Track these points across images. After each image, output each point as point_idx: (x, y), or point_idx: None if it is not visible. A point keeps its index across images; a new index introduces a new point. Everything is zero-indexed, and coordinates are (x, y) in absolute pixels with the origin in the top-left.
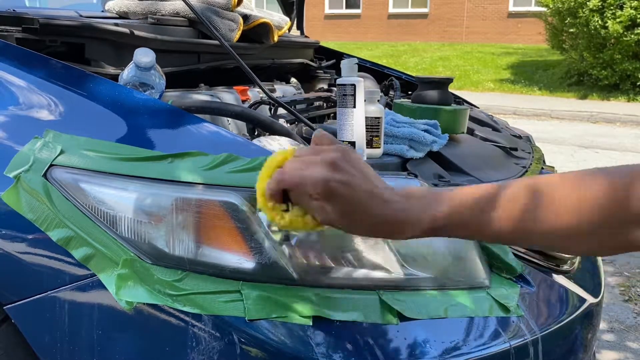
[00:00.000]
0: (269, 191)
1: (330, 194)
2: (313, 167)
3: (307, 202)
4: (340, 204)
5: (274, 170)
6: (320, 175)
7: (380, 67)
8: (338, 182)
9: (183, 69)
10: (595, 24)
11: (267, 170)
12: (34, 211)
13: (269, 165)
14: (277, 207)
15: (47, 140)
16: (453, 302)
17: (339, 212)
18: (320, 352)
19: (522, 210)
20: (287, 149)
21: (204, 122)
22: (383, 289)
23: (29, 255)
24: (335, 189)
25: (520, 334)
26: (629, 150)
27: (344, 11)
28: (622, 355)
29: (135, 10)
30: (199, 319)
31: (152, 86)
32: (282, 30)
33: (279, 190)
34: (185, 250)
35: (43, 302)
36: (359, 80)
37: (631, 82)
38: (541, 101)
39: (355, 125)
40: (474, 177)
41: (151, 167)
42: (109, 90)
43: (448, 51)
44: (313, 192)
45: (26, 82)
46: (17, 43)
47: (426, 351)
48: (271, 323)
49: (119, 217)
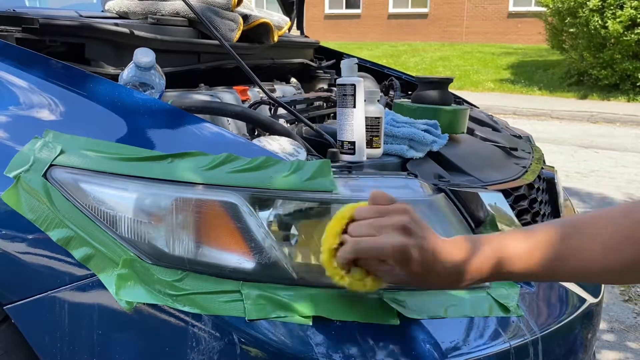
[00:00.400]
0: (343, 260)
1: (407, 260)
2: (386, 233)
3: (375, 266)
4: (412, 266)
5: (341, 227)
6: (398, 243)
7: (380, 67)
8: (414, 247)
9: (183, 69)
10: (595, 23)
11: (336, 226)
12: (34, 211)
13: (337, 220)
14: (339, 268)
15: (47, 140)
16: (453, 302)
17: (410, 274)
18: (320, 352)
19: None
20: (350, 205)
21: (204, 122)
22: (383, 289)
23: (29, 255)
24: (412, 254)
25: (520, 334)
26: (629, 150)
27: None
28: (622, 355)
29: (135, 10)
30: (199, 319)
31: (152, 86)
32: (282, 30)
33: (353, 258)
34: (185, 250)
35: (43, 302)
36: (359, 80)
37: (631, 82)
38: (541, 101)
39: (355, 125)
40: (474, 177)
41: (151, 167)
42: (109, 90)
43: (448, 51)
44: (391, 259)
45: (26, 82)
46: (17, 43)
47: (426, 351)
48: (271, 323)
49: (119, 217)
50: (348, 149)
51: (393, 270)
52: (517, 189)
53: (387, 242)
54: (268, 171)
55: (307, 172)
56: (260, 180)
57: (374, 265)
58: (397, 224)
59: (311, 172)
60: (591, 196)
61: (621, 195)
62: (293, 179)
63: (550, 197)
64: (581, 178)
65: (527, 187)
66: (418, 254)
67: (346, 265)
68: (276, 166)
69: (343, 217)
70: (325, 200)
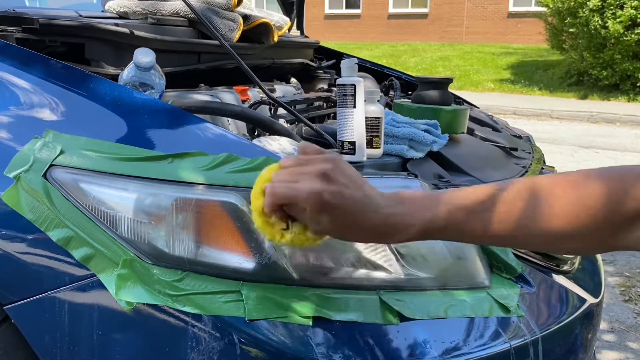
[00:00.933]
0: (268, 208)
1: (324, 205)
2: (304, 179)
3: (302, 215)
4: (335, 215)
5: (264, 184)
6: (312, 188)
7: (380, 67)
8: (330, 194)
9: (183, 69)
10: (596, 23)
11: (258, 187)
12: (34, 211)
13: (258, 182)
14: (277, 225)
15: (47, 140)
16: (453, 302)
17: (334, 223)
18: (320, 352)
19: (519, 214)
20: (272, 165)
21: (204, 122)
22: (383, 289)
23: (29, 256)
24: (328, 200)
25: (520, 334)
26: (629, 151)
27: (344, 11)
28: (622, 355)
29: (135, 10)
30: (199, 319)
31: (152, 86)
32: (282, 30)
33: (274, 206)
34: (185, 250)
35: (43, 303)
36: (359, 80)
37: (631, 82)
38: (541, 101)
39: (355, 125)
40: (474, 177)
41: (151, 167)
42: (109, 90)
43: (448, 51)
44: (306, 205)
45: (26, 82)
46: (17, 43)
47: (426, 351)
48: (271, 323)
49: (119, 217)
50: (348, 149)
51: (319, 219)
52: None
53: (301, 187)
54: None
55: None
56: None
57: (301, 214)
58: (317, 171)
59: None
60: None
61: None
62: None
63: None
64: None
65: None
66: (338, 200)
67: (276, 214)
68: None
69: (263, 177)
70: None
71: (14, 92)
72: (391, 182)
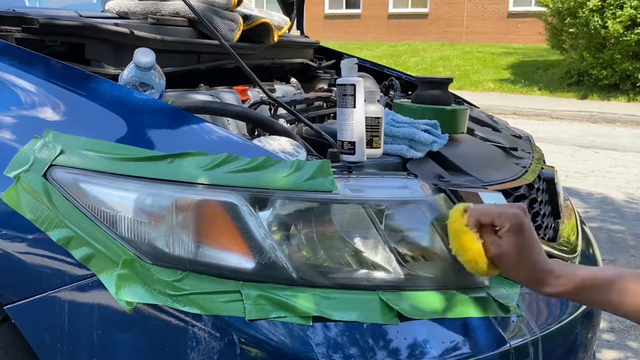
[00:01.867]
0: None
1: (521, 225)
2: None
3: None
4: (521, 239)
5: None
6: (517, 210)
7: (380, 67)
8: (528, 221)
9: (183, 69)
10: (595, 23)
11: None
12: (34, 211)
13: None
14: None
15: (47, 140)
16: (453, 302)
17: (514, 247)
18: (320, 352)
19: None
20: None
21: (204, 122)
22: (383, 289)
23: (29, 256)
24: (526, 222)
25: (520, 334)
26: (629, 151)
27: (344, 11)
28: (622, 355)
29: (135, 10)
30: (199, 319)
31: (152, 86)
32: (282, 30)
33: (476, 222)
34: (185, 250)
35: (43, 302)
36: (359, 80)
37: (631, 82)
38: (541, 101)
39: (355, 125)
40: (474, 177)
41: (151, 167)
42: (109, 90)
43: (448, 51)
44: (508, 221)
45: (26, 82)
46: (17, 43)
47: (426, 351)
48: (271, 323)
49: (119, 217)
50: (348, 149)
51: (501, 240)
52: (517, 189)
53: (505, 209)
54: (268, 171)
55: (307, 172)
56: (260, 180)
57: (486, 235)
58: (517, 206)
59: (311, 172)
60: (591, 196)
61: (621, 195)
62: (293, 179)
63: (550, 197)
64: (581, 178)
65: (527, 187)
66: (529, 227)
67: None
68: (276, 166)
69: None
70: (325, 200)
71: (14, 92)
72: (391, 182)
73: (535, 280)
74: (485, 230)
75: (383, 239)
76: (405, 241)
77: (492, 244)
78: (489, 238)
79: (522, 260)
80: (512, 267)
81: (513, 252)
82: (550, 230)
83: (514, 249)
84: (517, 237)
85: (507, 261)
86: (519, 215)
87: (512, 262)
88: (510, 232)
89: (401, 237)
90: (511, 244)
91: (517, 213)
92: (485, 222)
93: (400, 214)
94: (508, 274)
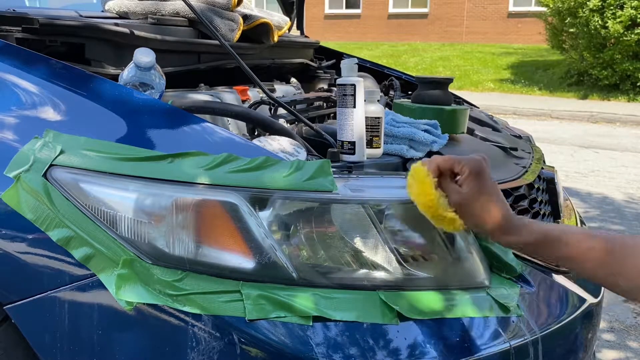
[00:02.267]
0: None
1: (482, 170)
2: (467, 157)
3: (448, 184)
4: (481, 184)
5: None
6: (476, 157)
7: (380, 67)
8: (488, 167)
9: (183, 69)
10: (596, 23)
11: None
12: (34, 211)
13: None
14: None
15: (47, 140)
16: (453, 302)
17: (474, 191)
18: (320, 352)
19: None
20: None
21: (204, 122)
22: (383, 289)
23: (29, 255)
24: (486, 168)
25: (520, 334)
26: (629, 150)
27: (344, 11)
28: (622, 355)
29: (135, 10)
30: (199, 319)
31: (152, 86)
32: (282, 30)
33: (436, 172)
34: (185, 250)
35: (43, 302)
36: (359, 80)
37: (631, 82)
38: (541, 101)
39: (355, 125)
40: None
41: (151, 167)
42: (109, 90)
43: (448, 51)
44: (467, 167)
45: (26, 82)
46: (17, 43)
47: (426, 351)
48: (271, 323)
49: (119, 217)
50: (348, 149)
51: (461, 187)
52: (517, 189)
53: (466, 156)
54: (268, 171)
55: (307, 172)
56: (260, 180)
57: (446, 184)
58: (479, 155)
59: (311, 172)
60: (591, 196)
61: (621, 195)
62: (293, 179)
63: (550, 197)
64: (581, 178)
65: (527, 187)
66: (489, 172)
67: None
68: (276, 166)
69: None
70: (325, 200)
71: (14, 92)
72: (391, 182)
73: (500, 228)
74: (444, 179)
75: (383, 238)
76: (405, 241)
77: (452, 191)
78: (449, 186)
79: (484, 208)
80: (475, 215)
81: (474, 199)
82: None
83: (475, 194)
84: (477, 183)
85: (469, 209)
86: (478, 160)
87: (476, 209)
88: (470, 178)
89: (401, 237)
90: (472, 190)
91: (477, 159)
92: (444, 168)
93: (401, 214)
94: (472, 223)
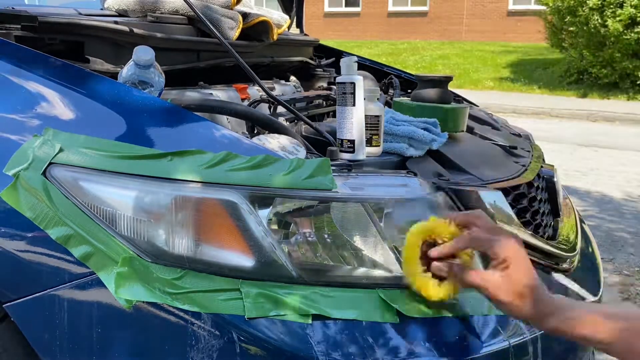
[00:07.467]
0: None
1: (518, 253)
2: (500, 235)
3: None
4: (517, 268)
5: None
6: (514, 241)
7: (380, 66)
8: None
9: (182, 67)
10: (595, 22)
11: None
12: (33, 209)
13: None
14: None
15: (46, 138)
16: (452, 300)
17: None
18: (320, 351)
19: None
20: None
21: (203, 120)
22: (382, 288)
23: (28, 254)
24: (522, 250)
25: (519, 332)
26: (628, 149)
27: (344, 9)
28: None
29: (134, 8)
30: (199, 317)
31: (152, 84)
32: (282, 28)
33: (458, 250)
34: (185, 248)
35: (42, 300)
36: (359, 79)
37: (631, 81)
38: (541, 99)
39: (354, 123)
40: (473, 175)
41: (150, 165)
42: (108, 88)
43: (447, 49)
44: (504, 251)
45: (25, 80)
46: (16, 41)
47: (425, 350)
48: (270, 321)
49: (119, 215)
50: (347, 147)
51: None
52: (516, 188)
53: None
54: (267, 169)
55: (307, 170)
56: (259, 178)
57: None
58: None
59: (310, 170)
60: (590, 194)
61: (620, 194)
62: (292, 177)
63: (549, 195)
64: (580, 176)
65: (527, 186)
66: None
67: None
68: (275, 164)
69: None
70: (324, 198)
71: (13, 91)
72: (391, 181)
73: (541, 313)
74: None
75: (383, 237)
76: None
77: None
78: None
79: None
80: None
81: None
82: (550, 228)
83: (505, 280)
84: (513, 270)
85: (503, 294)
86: (514, 241)
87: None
88: (504, 265)
89: (401, 235)
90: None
91: (514, 242)
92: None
93: (400, 212)
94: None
